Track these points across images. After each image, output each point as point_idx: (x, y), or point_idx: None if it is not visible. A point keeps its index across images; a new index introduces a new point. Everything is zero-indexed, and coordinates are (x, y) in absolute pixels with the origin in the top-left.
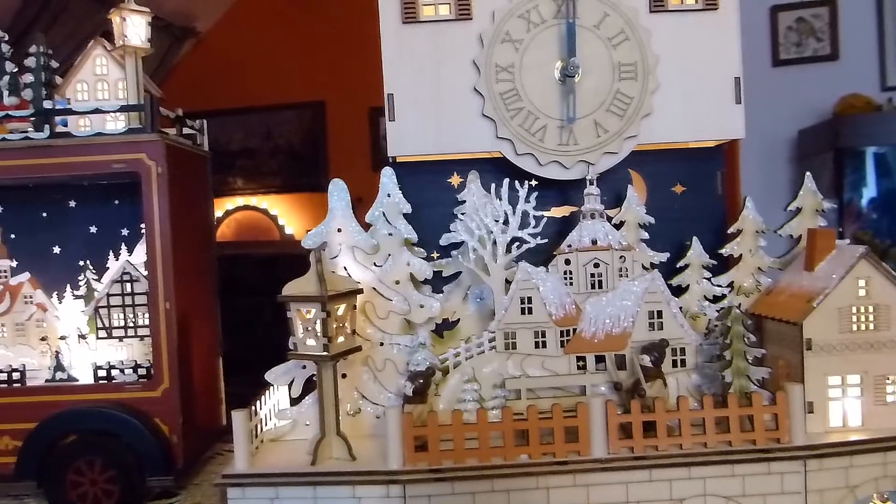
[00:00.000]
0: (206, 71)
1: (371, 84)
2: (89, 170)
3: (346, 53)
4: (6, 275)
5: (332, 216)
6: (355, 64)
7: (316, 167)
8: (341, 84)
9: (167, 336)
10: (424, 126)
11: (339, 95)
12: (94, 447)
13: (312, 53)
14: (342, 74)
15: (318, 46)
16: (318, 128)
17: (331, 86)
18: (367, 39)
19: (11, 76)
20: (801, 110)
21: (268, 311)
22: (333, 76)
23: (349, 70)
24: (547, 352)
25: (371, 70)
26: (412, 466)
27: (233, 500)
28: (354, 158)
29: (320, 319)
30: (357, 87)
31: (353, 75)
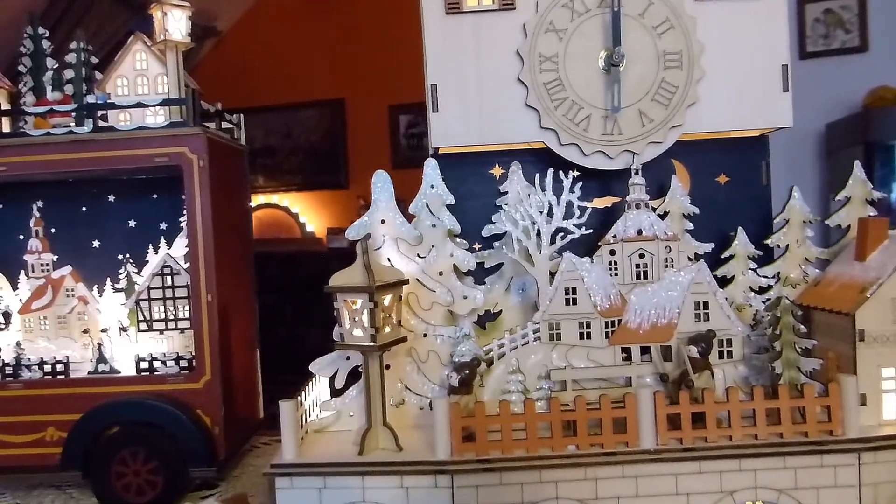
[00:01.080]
0: (226, 70)
1: (391, 82)
2: (132, 163)
3: (366, 51)
4: (48, 268)
5: (375, 207)
6: (375, 62)
7: (336, 165)
8: (361, 82)
9: (209, 328)
10: (467, 117)
11: (359, 93)
12: (137, 438)
13: (332, 52)
14: (362, 72)
15: (337, 44)
16: (338, 126)
17: (350, 84)
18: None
19: (54, 72)
20: (829, 103)
21: (289, 308)
22: (353, 74)
23: (369, 68)
24: (592, 343)
25: (391, 68)
26: (460, 457)
27: (281, 489)
28: (374, 156)
29: (368, 310)
30: (377, 84)
31: (373, 73)
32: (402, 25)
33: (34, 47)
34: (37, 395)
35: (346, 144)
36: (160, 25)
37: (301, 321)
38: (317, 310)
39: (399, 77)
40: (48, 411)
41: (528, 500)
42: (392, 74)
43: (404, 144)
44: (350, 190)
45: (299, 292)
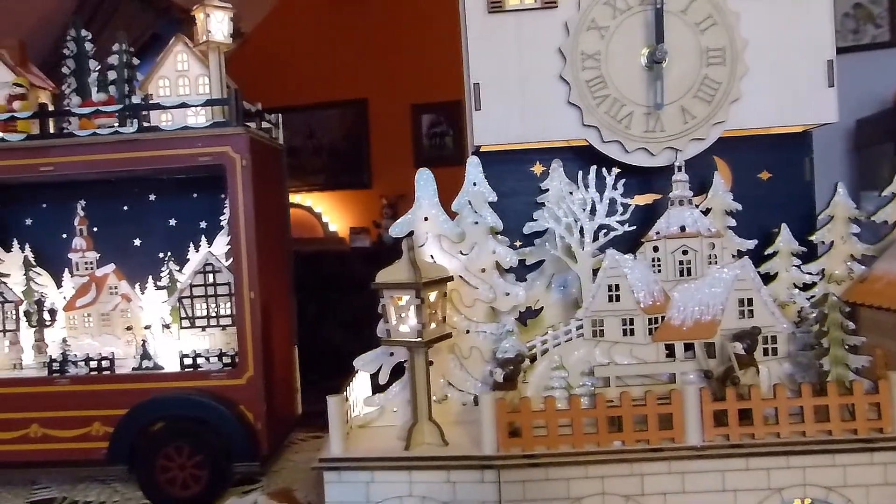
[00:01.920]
0: (249, 70)
1: (413, 81)
2: (176, 163)
3: (389, 51)
4: (92, 266)
5: (418, 205)
6: (397, 62)
7: (359, 165)
8: (383, 82)
9: (252, 325)
10: (510, 115)
11: (382, 93)
12: (182, 433)
13: (355, 52)
14: (384, 72)
15: (360, 45)
16: (361, 126)
17: (373, 84)
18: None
19: (100, 73)
20: (859, 99)
21: (312, 307)
22: (376, 74)
23: (391, 68)
24: (635, 339)
25: (413, 68)
26: (506, 452)
27: (329, 482)
28: (397, 156)
29: (414, 306)
30: (399, 84)
31: (396, 73)
32: (424, 25)
33: (77, 49)
34: (83, 390)
35: (369, 144)
36: (202, 27)
37: (324, 320)
38: (339, 309)
39: (421, 77)
40: (94, 407)
41: (574, 495)
42: (415, 74)
43: (427, 144)
44: (373, 190)
45: (322, 292)
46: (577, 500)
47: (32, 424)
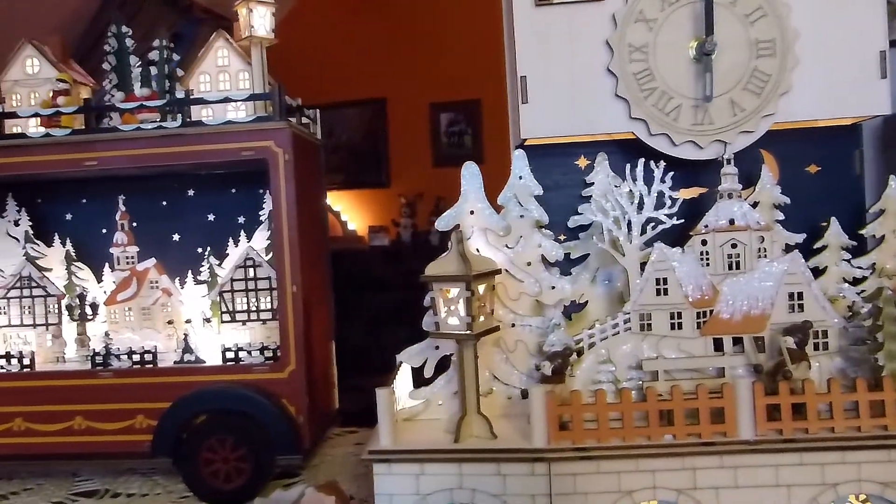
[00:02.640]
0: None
1: (432, 80)
2: (219, 157)
3: (407, 51)
4: (133, 261)
5: (464, 199)
6: (416, 61)
7: (377, 163)
8: (402, 81)
9: (294, 319)
10: (557, 108)
11: (400, 92)
12: (225, 426)
13: (373, 51)
14: (403, 71)
15: (379, 44)
16: (380, 125)
17: (392, 83)
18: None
19: (144, 68)
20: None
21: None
22: (394, 73)
23: (410, 67)
24: (683, 333)
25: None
26: (556, 445)
27: (379, 474)
28: (415, 154)
29: (464, 298)
30: (418, 83)
31: (414, 72)
32: (443, 25)
33: (118, 45)
34: (126, 383)
35: (388, 143)
36: (245, 22)
37: (343, 318)
38: (358, 307)
39: (440, 75)
40: (137, 399)
41: (625, 488)
42: (433, 73)
43: (445, 142)
44: (391, 189)
45: (341, 290)
46: (628, 494)
47: (76, 417)
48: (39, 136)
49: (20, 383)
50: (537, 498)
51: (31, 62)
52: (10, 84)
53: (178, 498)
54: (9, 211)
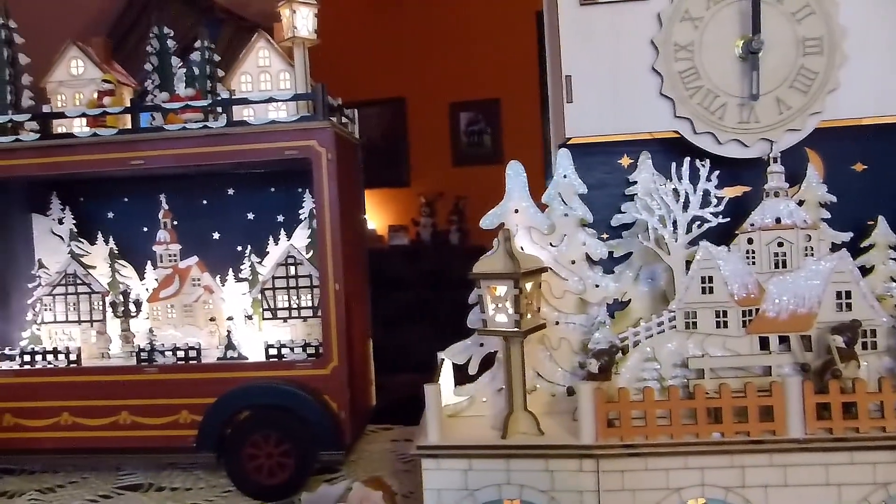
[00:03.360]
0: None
1: (451, 80)
2: (262, 156)
3: (426, 50)
4: (175, 258)
5: (508, 197)
6: (435, 60)
7: (397, 163)
8: (422, 80)
9: (336, 316)
10: (602, 107)
11: (420, 92)
12: (269, 421)
13: (393, 51)
14: (422, 71)
15: (398, 44)
16: (399, 124)
17: (411, 82)
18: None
19: (188, 69)
20: None
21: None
22: (414, 73)
23: (430, 66)
24: (728, 332)
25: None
26: (604, 441)
27: (427, 470)
28: (435, 154)
29: (513, 296)
30: (437, 83)
31: (434, 72)
32: (462, 24)
33: (160, 46)
34: (171, 379)
35: (408, 143)
36: (289, 23)
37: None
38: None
39: (459, 75)
40: (182, 395)
41: (673, 485)
42: (452, 72)
43: (465, 142)
44: (411, 188)
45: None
46: (676, 491)
47: (122, 412)
48: (87, 136)
49: (67, 378)
50: (585, 494)
51: (75, 63)
52: (55, 85)
53: (221, 492)
54: (53, 209)
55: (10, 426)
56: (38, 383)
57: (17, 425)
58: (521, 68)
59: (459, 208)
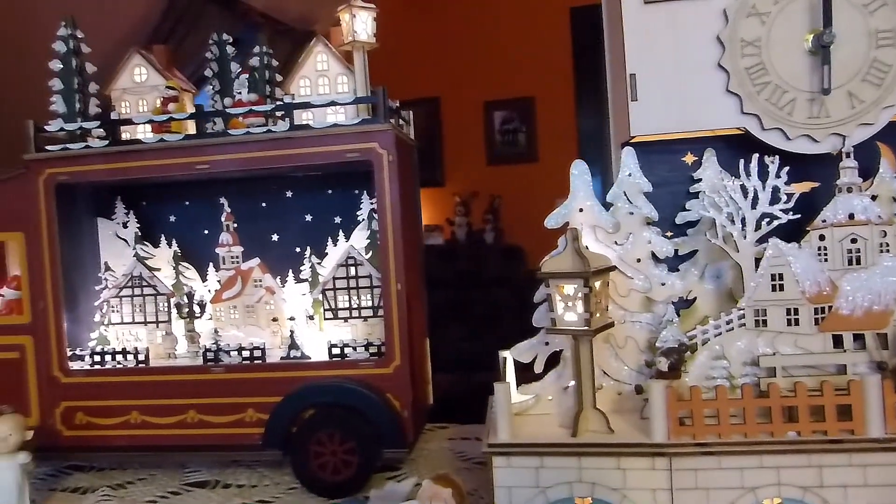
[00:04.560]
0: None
1: (485, 79)
2: (325, 159)
3: (460, 49)
4: (237, 260)
5: (573, 196)
6: (470, 60)
7: (432, 162)
8: (456, 80)
9: (399, 316)
10: (667, 105)
11: (454, 91)
12: (334, 420)
13: (427, 50)
14: (457, 70)
15: (432, 44)
16: (433, 124)
17: (446, 82)
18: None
19: (251, 74)
20: None
21: None
22: (448, 72)
23: (464, 66)
24: (800, 329)
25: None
26: (677, 440)
27: (498, 467)
28: (469, 153)
29: (582, 295)
30: (471, 82)
31: (468, 71)
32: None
33: (220, 53)
34: (237, 378)
35: (442, 142)
36: (348, 27)
37: None
38: None
39: (493, 74)
40: (247, 394)
41: (748, 485)
42: (486, 71)
43: (499, 141)
44: (446, 187)
45: None
46: (751, 490)
47: (189, 410)
48: (154, 142)
49: (136, 378)
50: (658, 492)
51: (139, 71)
52: (119, 92)
53: (286, 489)
54: (117, 214)
55: (82, 424)
56: (109, 383)
57: (88, 423)
58: (556, 66)
59: (494, 207)
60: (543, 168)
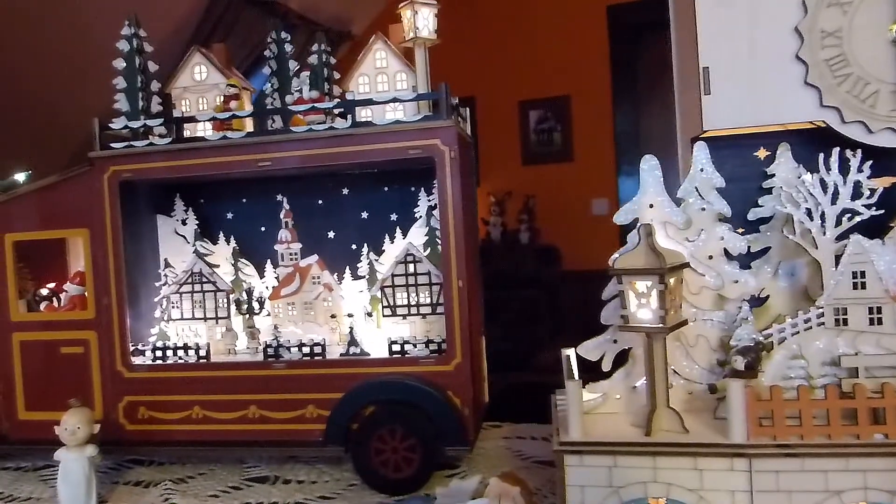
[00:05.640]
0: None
1: (520, 78)
2: (386, 156)
3: (496, 49)
4: (296, 257)
5: (643, 192)
6: (504, 59)
7: None
8: (491, 79)
9: (460, 313)
10: (741, 98)
11: (489, 90)
12: (395, 416)
13: (462, 50)
14: (492, 69)
15: (467, 43)
16: (469, 124)
17: (480, 81)
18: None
19: (312, 71)
20: None
21: None
22: (483, 71)
23: (498, 64)
24: (883, 329)
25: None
26: (756, 440)
27: (571, 466)
28: (504, 153)
29: (658, 292)
30: (506, 81)
31: (503, 70)
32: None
33: (278, 51)
34: (298, 374)
35: (477, 142)
36: (410, 24)
37: None
38: None
39: (529, 73)
40: (308, 390)
41: (832, 488)
42: (521, 70)
43: (534, 140)
44: (481, 187)
45: None
46: (836, 494)
47: (251, 406)
48: (217, 139)
49: (198, 373)
50: (737, 494)
51: (199, 69)
52: (179, 91)
53: (346, 486)
54: (176, 211)
55: (144, 418)
56: (171, 378)
57: (151, 418)
58: (592, 64)
59: (529, 207)
60: (579, 167)
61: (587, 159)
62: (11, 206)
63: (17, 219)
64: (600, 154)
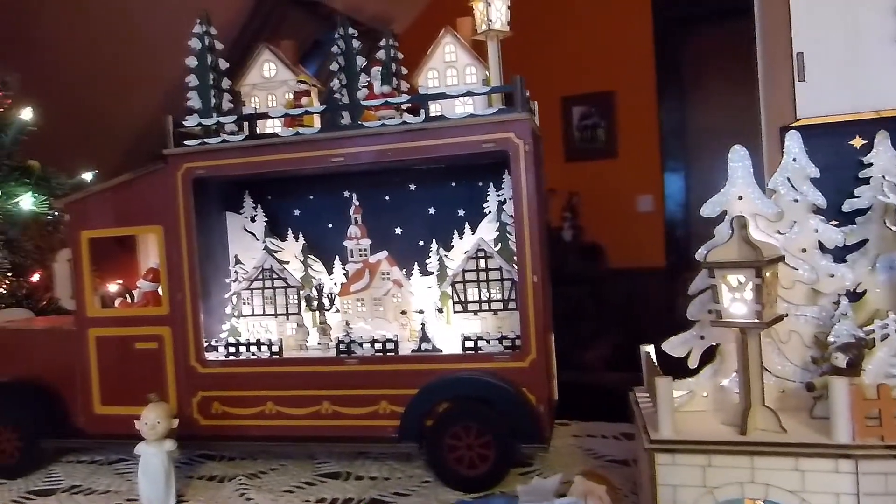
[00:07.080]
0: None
1: (563, 73)
2: (460, 150)
3: (539, 43)
4: (365, 253)
5: (731, 183)
6: (546, 54)
7: None
8: (533, 74)
9: (535, 309)
10: (838, 85)
11: (531, 86)
12: (469, 413)
13: (505, 46)
14: (534, 65)
15: (510, 38)
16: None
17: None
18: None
19: (384, 66)
20: None
21: None
22: (526, 67)
23: (540, 60)
24: None
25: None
26: (863, 441)
27: (662, 465)
28: (547, 149)
29: (754, 286)
30: (549, 76)
31: (546, 65)
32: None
33: (346, 47)
34: (371, 370)
35: None
36: (483, 16)
37: None
38: None
39: (571, 68)
40: (381, 386)
41: None
42: (565, 65)
43: (577, 137)
44: None
45: None
46: None
47: (324, 402)
48: (290, 136)
49: (271, 369)
50: (842, 497)
51: (268, 66)
52: (249, 88)
53: (420, 482)
54: (245, 208)
55: (218, 414)
56: (244, 374)
57: (224, 413)
58: (636, 58)
59: (572, 205)
60: (623, 164)
61: (632, 155)
62: (87, 204)
63: (92, 216)
64: (645, 150)
